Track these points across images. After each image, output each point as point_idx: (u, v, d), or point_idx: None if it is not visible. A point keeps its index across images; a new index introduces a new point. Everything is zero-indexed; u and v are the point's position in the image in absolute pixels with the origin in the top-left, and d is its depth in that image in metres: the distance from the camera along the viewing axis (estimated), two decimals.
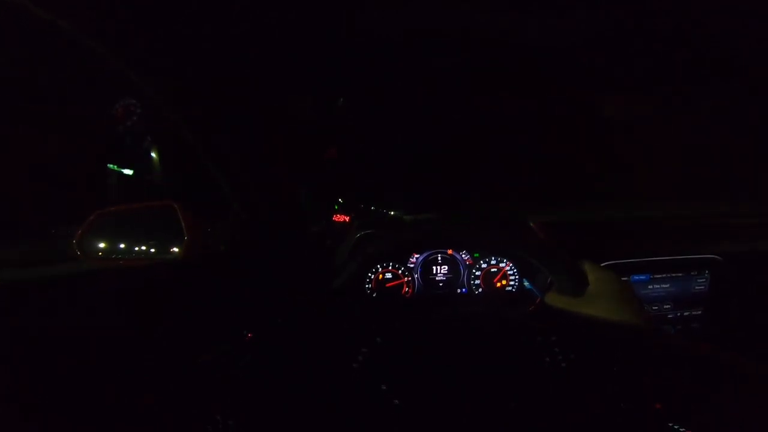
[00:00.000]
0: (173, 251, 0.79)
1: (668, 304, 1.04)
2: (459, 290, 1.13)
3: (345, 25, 0.90)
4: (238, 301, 0.93)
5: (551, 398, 0.73)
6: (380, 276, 1.12)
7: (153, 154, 1.42)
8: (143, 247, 0.81)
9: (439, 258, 1.14)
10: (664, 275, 1.03)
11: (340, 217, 1.09)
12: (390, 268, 1.12)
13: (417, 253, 1.13)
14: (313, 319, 0.84)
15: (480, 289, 1.13)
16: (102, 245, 0.77)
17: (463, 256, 1.13)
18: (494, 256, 1.13)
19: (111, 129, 1.42)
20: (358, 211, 1.28)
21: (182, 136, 0.84)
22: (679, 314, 1.05)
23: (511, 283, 1.12)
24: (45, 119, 1.34)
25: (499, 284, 1.12)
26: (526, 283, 1.08)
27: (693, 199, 1.40)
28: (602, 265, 0.97)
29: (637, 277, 1.02)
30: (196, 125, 0.86)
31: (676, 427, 0.50)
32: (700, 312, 1.05)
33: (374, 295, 1.11)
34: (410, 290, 1.13)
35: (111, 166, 1.42)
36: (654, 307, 1.04)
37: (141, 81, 0.79)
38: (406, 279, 1.12)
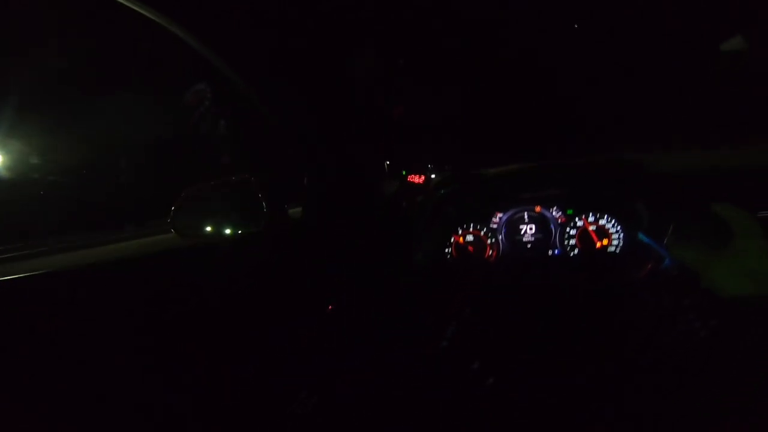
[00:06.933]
0: (255, 224, 0.80)
1: None
2: (551, 252, 1.01)
3: None
4: (318, 275, 0.93)
5: (691, 377, 0.61)
6: (460, 239, 1.04)
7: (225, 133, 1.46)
8: (228, 221, 0.83)
9: (526, 216, 1.01)
10: None
11: (414, 178, 1.02)
12: (471, 230, 1.03)
13: (500, 212, 1.02)
14: (396, 299, 0.80)
15: (576, 250, 0.99)
16: (192, 221, 0.80)
17: (554, 213, 1.00)
18: (592, 212, 0.98)
19: (185, 117, 1.49)
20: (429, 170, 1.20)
21: (255, 113, 0.83)
22: None
23: (614, 242, 0.97)
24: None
25: (599, 244, 0.98)
26: (642, 237, 0.88)
27: None
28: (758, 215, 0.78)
29: None
30: (270, 98, 0.84)
31: None
32: None
33: (454, 260, 1.04)
34: (494, 253, 1.03)
35: None
36: None
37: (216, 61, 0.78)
38: (489, 241, 1.03)
